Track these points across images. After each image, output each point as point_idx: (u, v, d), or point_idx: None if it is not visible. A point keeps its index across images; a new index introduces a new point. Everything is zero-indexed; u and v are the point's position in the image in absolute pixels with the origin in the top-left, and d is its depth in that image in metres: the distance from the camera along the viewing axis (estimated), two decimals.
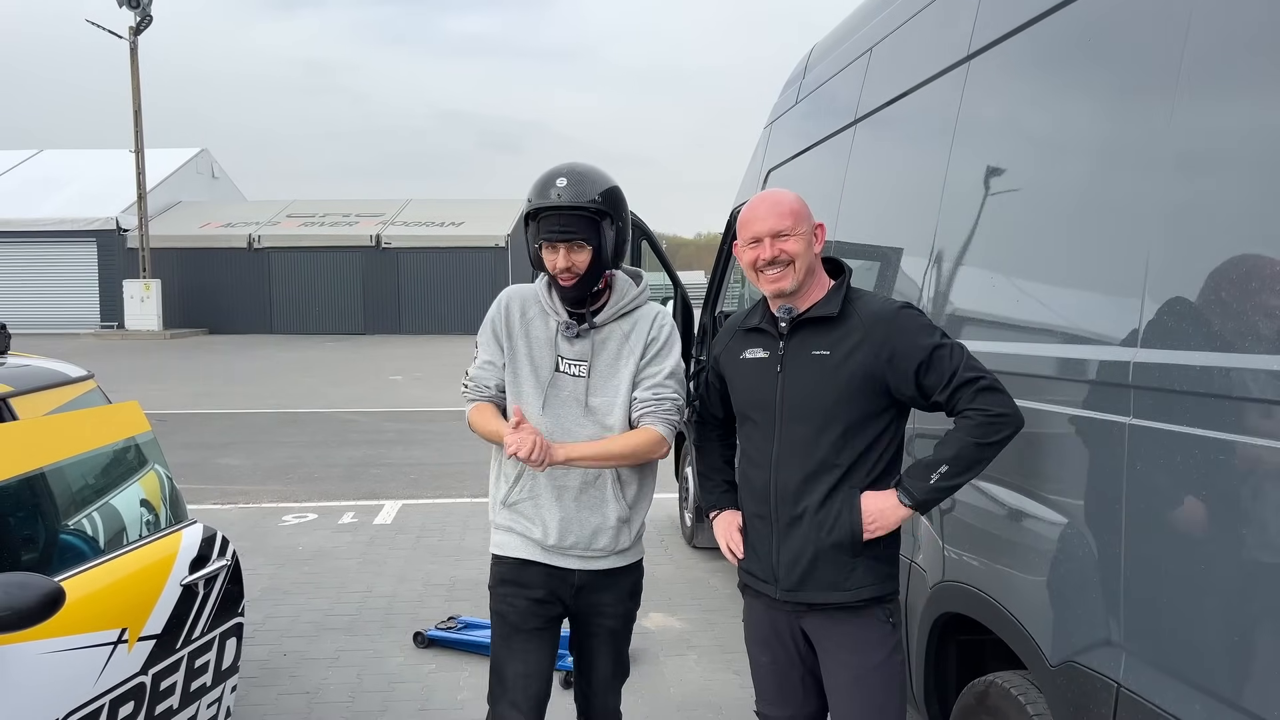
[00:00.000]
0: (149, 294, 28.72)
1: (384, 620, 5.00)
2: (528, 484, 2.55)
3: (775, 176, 4.90)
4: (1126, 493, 1.87)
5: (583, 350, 2.53)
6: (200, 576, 2.89)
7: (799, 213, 2.26)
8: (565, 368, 2.53)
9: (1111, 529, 1.91)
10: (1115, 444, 1.90)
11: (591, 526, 2.53)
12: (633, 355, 2.54)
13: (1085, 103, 2.17)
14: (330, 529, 6.89)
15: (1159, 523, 1.79)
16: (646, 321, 2.57)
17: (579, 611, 2.61)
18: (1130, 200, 1.94)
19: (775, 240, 2.24)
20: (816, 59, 4.60)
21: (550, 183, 2.44)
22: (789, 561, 2.26)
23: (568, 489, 2.52)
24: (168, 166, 34.30)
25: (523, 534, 2.55)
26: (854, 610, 2.23)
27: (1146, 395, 1.82)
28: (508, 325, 2.58)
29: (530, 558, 2.54)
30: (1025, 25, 2.42)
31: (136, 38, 29.03)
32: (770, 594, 2.33)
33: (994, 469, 2.28)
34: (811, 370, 2.22)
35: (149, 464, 3.18)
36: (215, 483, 8.52)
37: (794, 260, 2.23)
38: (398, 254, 30.72)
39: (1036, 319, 2.25)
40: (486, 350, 2.60)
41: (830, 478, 2.21)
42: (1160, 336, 1.81)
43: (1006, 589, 2.27)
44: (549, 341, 2.54)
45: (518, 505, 2.56)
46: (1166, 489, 1.77)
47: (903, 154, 3.22)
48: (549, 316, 2.56)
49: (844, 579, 2.22)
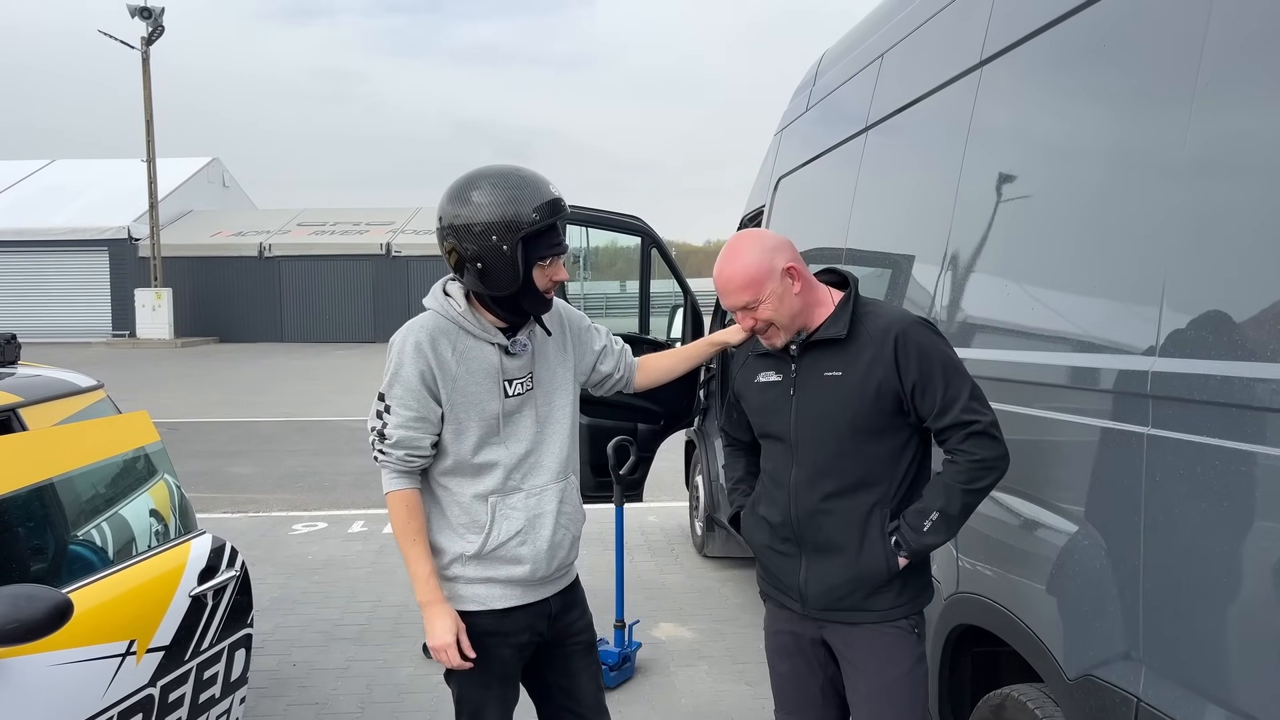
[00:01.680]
0: (160, 303, 28.83)
1: (394, 630, 4.98)
2: (504, 525, 2.33)
3: (785, 183, 4.88)
4: (1145, 503, 1.84)
5: (525, 363, 2.37)
6: (209, 588, 2.88)
7: (755, 279, 2.17)
8: (516, 389, 2.35)
9: (1130, 540, 1.88)
10: (1133, 454, 1.87)
11: (569, 543, 2.45)
12: (567, 349, 2.49)
13: (1102, 108, 2.14)
14: (340, 538, 6.88)
15: (1178, 534, 1.76)
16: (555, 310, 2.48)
17: (551, 640, 2.47)
18: (1148, 207, 1.91)
19: (745, 313, 2.23)
20: (827, 65, 4.58)
21: (547, 190, 2.23)
22: (818, 588, 2.24)
23: (546, 514, 2.37)
24: (179, 175, 34.49)
25: (505, 579, 2.34)
26: (879, 623, 2.21)
27: (1165, 405, 1.80)
28: (442, 370, 2.27)
29: (512, 604, 2.36)
30: (1039, 30, 2.40)
31: (148, 48, 29.19)
32: (796, 610, 2.31)
33: (1010, 479, 2.26)
34: (825, 392, 2.20)
35: (158, 474, 3.17)
36: (225, 491, 8.53)
37: (772, 322, 2.22)
38: (408, 262, 30.77)
39: (1052, 327, 2.23)
40: (412, 405, 2.26)
41: (853, 499, 2.18)
42: (1179, 345, 1.78)
43: (1022, 601, 2.24)
44: (493, 369, 2.31)
45: (499, 551, 2.33)
46: (1186, 500, 1.74)
47: (915, 160, 3.20)
48: (482, 343, 2.31)
49: (876, 600, 2.19)
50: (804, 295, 2.22)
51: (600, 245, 26.71)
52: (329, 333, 30.45)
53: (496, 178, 2.23)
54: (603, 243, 25.59)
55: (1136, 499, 1.86)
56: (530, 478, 2.36)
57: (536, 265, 2.25)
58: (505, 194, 2.19)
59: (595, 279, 30.12)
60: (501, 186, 2.20)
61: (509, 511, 2.33)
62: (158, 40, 29.32)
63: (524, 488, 2.35)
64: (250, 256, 31.30)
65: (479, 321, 2.32)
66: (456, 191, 2.24)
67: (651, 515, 7.48)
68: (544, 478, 2.38)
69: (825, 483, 2.19)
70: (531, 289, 2.27)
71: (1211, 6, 1.79)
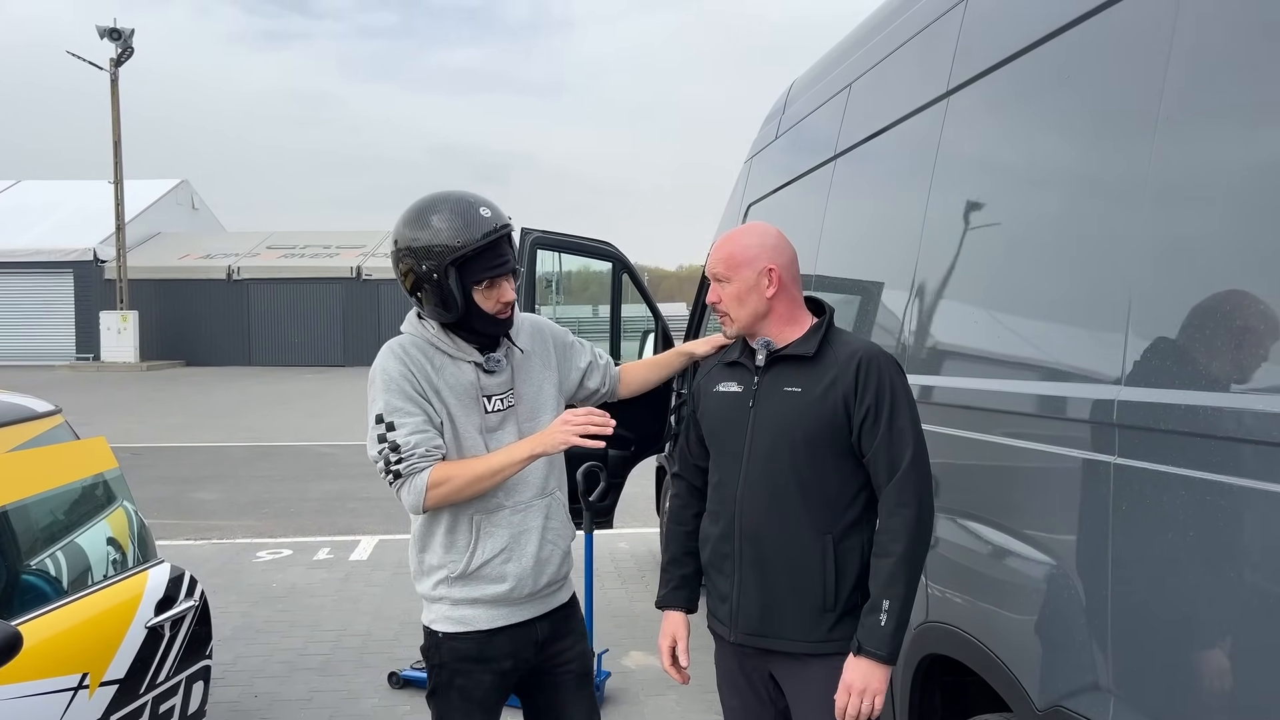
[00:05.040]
0: (126, 325, 28.52)
1: (359, 660, 4.90)
2: (488, 543, 2.31)
3: (755, 211, 4.89)
4: (1112, 533, 1.84)
5: (504, 380, 2.36)
6: (166, 618, 2.81)
7: (734, 259, 2.21)
8: (495, 405, 2.33)
9: (1098, 570, 1.87)
10: (1100, 483, 1.87)
11: (557, 559, 2.43)
12: (550, 365, 2.48)
13: (1066, 137, 2.16)
14: (305, 565, 6.78)
15: (1146, 564, 1.76)
16: (532, 328, 2.48)
17: (539, 668, 2.43)
18: (1113, 234, 1.92)
19: (716, 284, 2.25)
20: (796, 94, 4.62)
21: (474, 212, 2.19)
22: (749, 604, 2.20)
23: (531, 530, 2.36)
24: (147, 198, 34.21)
25: (490, 598, 2.32)
26: (826, 656, 2.17)
27: (1132, 434, 1.80)
28: (426, 379, 2.26)
29: (497, 625, 2.33)
30: (1005, 61, 2.43)
31: (117, 69, 29.00)
32: (727, 636, 2.27)
33: (980, 507, 2.25)
34: (782, 406, 2.18)
35: (116, 501, 3.10)
36: (189, 518, 8.38)
37: (728, 310, 2.23)
38: (378, 285, 30.64)
39: (1019, 355, 2.23)
40: (414, 412, 2.23)
41: (797, 519, 2.15)
42: (1145, 374, 1.78)
43: (992, 631, 2.23)
44: (471, 386, 2.30)
45: (483, 570, 2.31)
46: (1152, 530, 1.74)
47: (882, 189, 3.22)
48: (459, 361, 2.31)
49: (815, 629, 2.14)
50: (774, 303, 2.22)
51: (572, 270, 26.75)
52: (298, 357, 30.20)
53: (428, 203, 2.24)
54: (575, 267, 25.63)
55: (1104, 528, 1.86)
56: (514, 494, 2.34)
57: (475, 289, 2.23)
58: (434, 220, 2.21)
59: (567, 303, 30.12)
60: (430, 212, 2.22)
61: (492, 529, 2.32)
62: (127, 61, 29.17)
63: (508, 504, 2.33)
64: (218, 279, 31.05)
65: (454, 342, 2.31)
66: (403, 216, 2.27)
67: (622, 542, 7.43)
68: (528, 493, 2.36)
69: (772, 497, 2.16)
70: (478, 312, 2.27)
71: (1174, 33, 1.82)
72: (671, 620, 2.39)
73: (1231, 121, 1.68)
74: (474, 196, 2.26)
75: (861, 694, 2.05)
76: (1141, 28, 1.91)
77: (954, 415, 2.43)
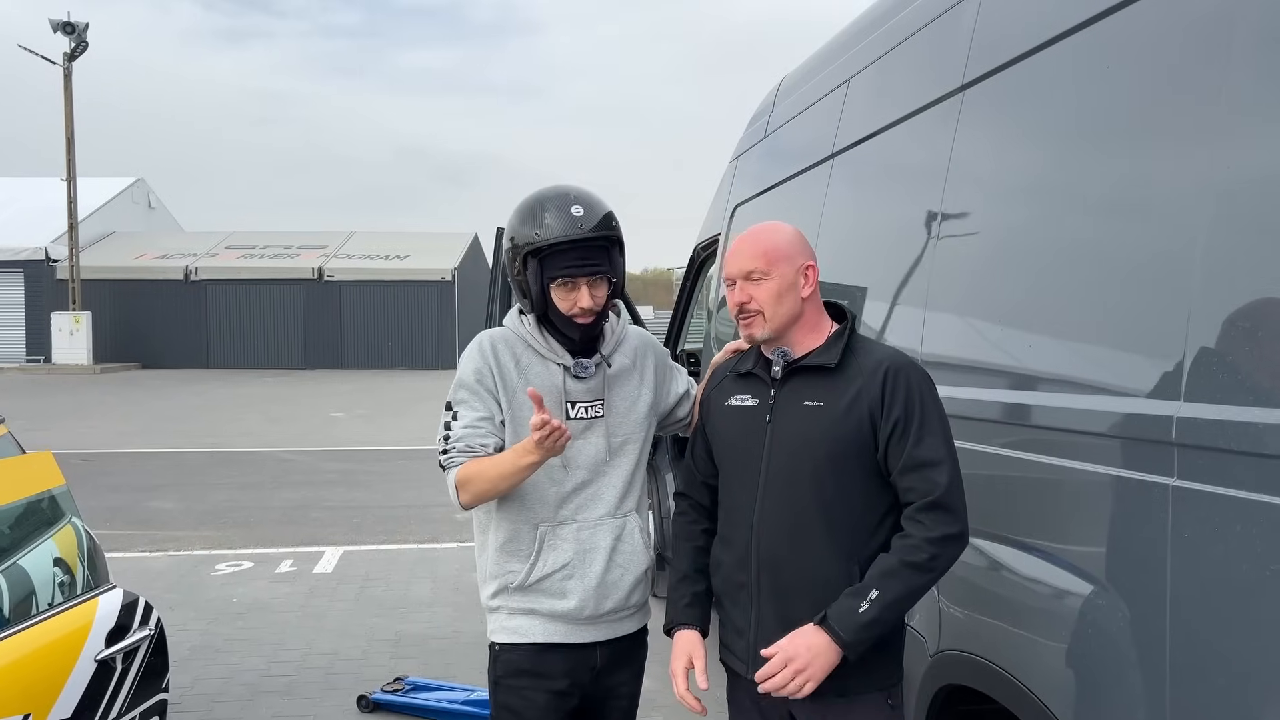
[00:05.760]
0: (79, 327, 27.90)
1: (325, 681, 4.66)
2: (551, 556, 2.22)
3: (742, 212, 4.73)
4: (1171, 563, 1.68)
5: (594, 388, 2.27)
6: (118, 650, 2.58)
7: (775, 252, 2.04)
8: (580, 412, 2.25)
9: (1154, 603, 1.71)
10: (1156, 507, 1.71)
11: (626, 585, 2.28)
12: (646, 383, 2.37)
13: (1104, 133, 2.00)
14: (267, 579, 6.52)
15: (1213, 599, 1.60)
16: (637, 341, 2.40)
17: (590, 696, 2.31)
18: (1169, 234, 1.77)
19: (747, 283, 2.05)
20: (786, 92, 4.46)
21: (565, 209, 2.16)
22: (769, 638, 1.98)
23: (598, 549, 2.25)
24: (102, 196, 33.45)
25: (547, 612, 2.22)
26: (854, 695, 1.99)
27: (1194, 454, 1.64)
28: (502, 376, 2.23)
29: (553, 640, 2.23)
30: (1031, 52, 2.27)
31: (71, 64, 28.33)
32: (744, 674, 2.07)
33: (1013, 530, 2.09)
34: (803, 422, 2.00)
35: (64, 519, 2.87)
36: (144, 528, 8.06)
37: (763, 309, 2.03)
38: (340, 287, 30.23)
39: (1057, 366, 2.07)
40: (476, 406, 2.21)
41: (821, 546, 1.97)
42: (1208, 388, 1.63)
43: (1025, 663, 2.06)
44: (555, 389, 2.24)
45: (543, 583, 2.22)
46: (1224, 561, 1.58)
47: (888, 189, 3.06)
48: (547, 362, 2.26)
49: (839, 670, 1.93)
50: (807, 305, 2.07)
51: None
52: (257, 359, 29.69)
53: (535, 195, 2.23)
54: None
55: (1161, 557, 1.70)
56: (585, 509, 2.25)
57: (552, 285, 2.17)
58: (524, 210, 2.21)
59: None
60: (540, 206, 2.19)
61: (557, 542, 2.22)
62: (81, 56, 28.52)
63: (577, 519, 2.24)
64: (175, 280, 30.47)
65: (546, 341, 2.26)
66: (516, 208, 2.26)
67: None
68: (600, 510, 2.26)
69: (793, 522, 1.98)
70: (555, 310, 2.21)
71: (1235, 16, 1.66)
72: (686, 640, 2.17)
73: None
74: (581, 193, 2.22)
75: (799, 671, 1.87)
76: (1200, 8, 1.76)
77: (983, 431, 2.27)
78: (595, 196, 2.23)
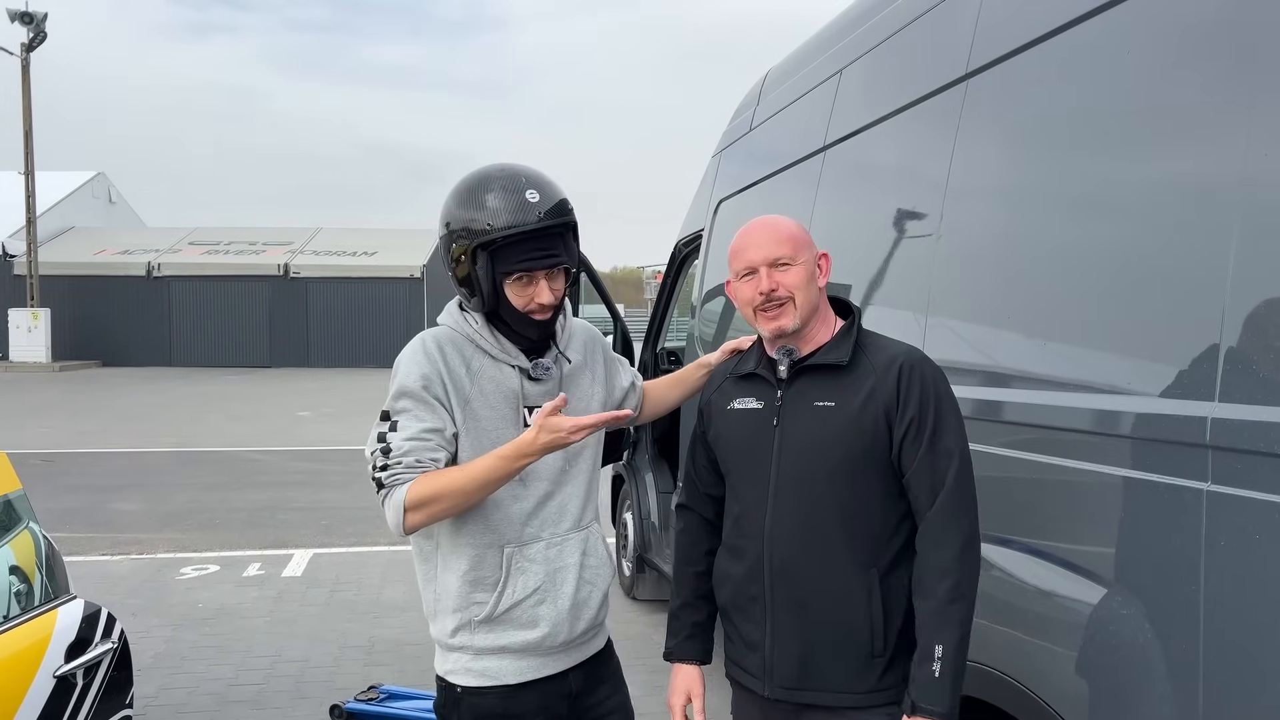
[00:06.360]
0: (37, 324, 27.35)
1: (296, 690, 4.51)
2: (520, 581, 1.99)
3: (726, 207, 4.63)
4: (1206, 572, 1.60)
5: (551, 390, 2.05)
6: (79, 665, 2.43)
7: (799, 239, 1.95)
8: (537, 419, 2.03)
9: (1187, 616, 1.63)
10: (1189, 514, 1.63)
11: (596, 602, 2.10)
12: (598, 380, 2.19)
13: (1139, 122, 1.91)
14: (234, 583, 6.33)
15: (1254, 612, 1.52)
16: (585, 336, 2.20)
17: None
18: (1199, 223, 1.68)
19: (773, 270, 1.92)
20: (772, 84, 4.36)
21: (517, 194, 1.92)
22: (788, 654, 1.90)
23: (568, 567, 2.04)
24: (61, 190, 32.79)
25: (519, 647, 2.00)
26: (876, 709, 1.89)
27: (1231, 457, 1.56)
28: (453, 382, 1.96)
29: (526, 679, 2.02)
30: (1044, 37, 2.18)
31: (29, 54, 27.73)
32: (759, 690, 1.96)
33: (1031, 537, 2.00)
34: (813, 424, 1.89)
35: (20, 525, 2.71)
36: (105, 530, 7.83)
37: (794, 295, 1.91)
38: (307, 284, 29.82)
39: (1078, 365, 1.97)
40: (423, 416, 1.93)
41: (838, 554, 1.86)
42: (1246, 387, 1.55)
43: (1044, 676, 1.98)
44: (511, 395, 2.01)
45: (512, 613, 2.00)
46: (1264, 573, 1.50)
47: (886, 181, 2.97)
48: (500, 364, 2.01)
49: (863, 678, 1.86)
50: (820, 298, 1.98)
51: None
52: (222, 357, 29.23)
53: (482, 177, 1.98)
54: None
55: (1195, 566, 1.61)
56: (551, 525, 2.04)
57: (506, 281, 1.95)
58: (466, 194, 1.95)
59: None
60: (481, 188, 1.95)
61: (526, 564, 2.00)
62: (39, 47, 27.93)
63: (544, 536, 2.02)
64: (137, 276, 29.92)
65: (497, 340, 2.02)
66: (454, 190, 2.01)
67: None
68: (566, 524, 2.06)
69: (807, 530, 1.87)
70: (509, 307, 1.98)
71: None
72: (684, 675, 2.07)
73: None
74: (531, 175, 1.97)
75: None
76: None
77: (1000, 432, 2.18)
78: (546, 177, 2.00)
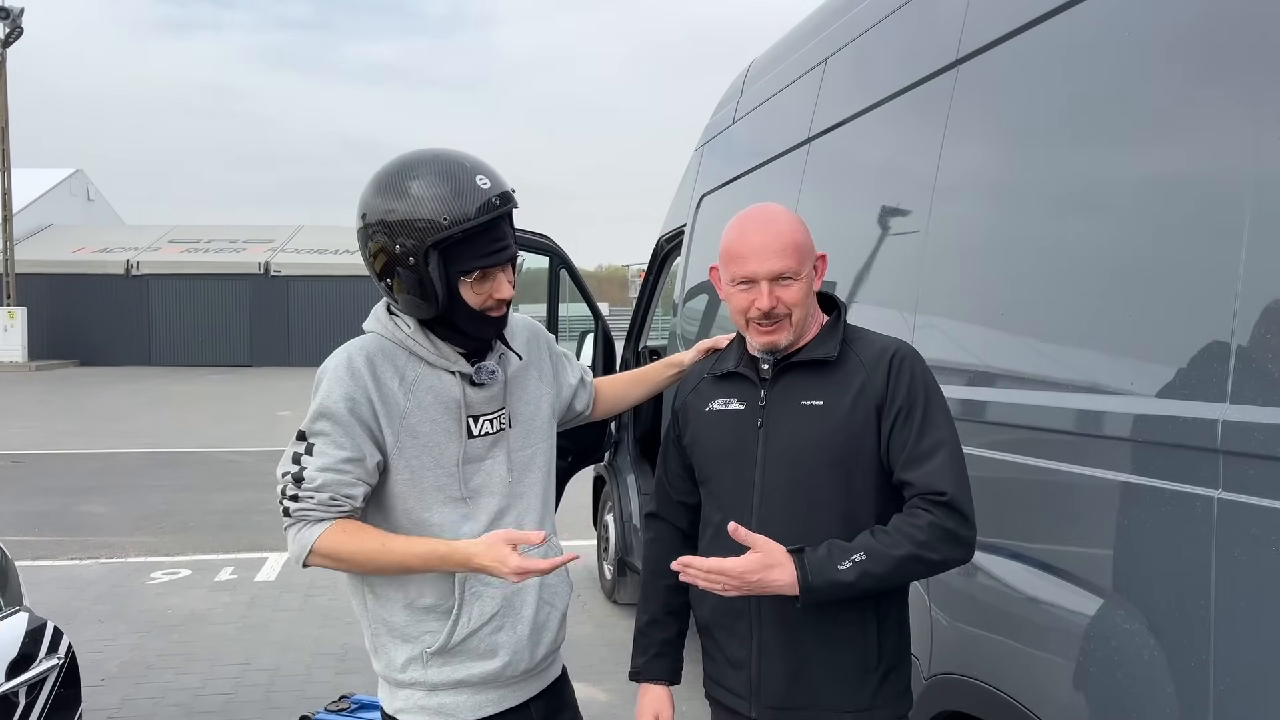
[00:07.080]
0: (13, 323, 27.06)
1: (265, 700, 4.37)
2: (476, 607, 1.83)
3: (709, 201, 4.52)
4: (1216, 584, 1.49)
5: (496, 395, 1.89)
6: (21, 683, 2.29)
7: (803, 246, 1.78)
8: (484, 427, 1.87)
9: (1196, 630, 1.53)
10: (1198, 522, 1.53)
11: (555, 623, 1.96)
12: (545, 380, 2.03)
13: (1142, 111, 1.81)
14: (205, 587, 6.18)
15: (1268, 628, 1.42)
16: (527, 333, 2.04)
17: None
18: (1208, 217, 1.58)
19: (774, 286, 1.75)
20: (756, 75, 4.26)
21: (468, 181, 1.72)
22: (776, 671, 1.78)
23: (526, 589, 1.88)
24: (39, 187, 32.51)
25: (478, 680, 1.85)
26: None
27: (1245, 463, 1.46)
28: (384, 401, 1.78)
29: (484, 714, 1.86)
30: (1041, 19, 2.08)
31: (5, 50, 27.41)
32: (743, 711, 1.84)
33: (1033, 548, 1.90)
34: (801, 425, 1.77)
35: None
36: (75, 534, 7.64)
37: (792, 312, 1.77)
38: (288, 282, 29.59)
39: (1077, 365, 1.87)
40: (343, 443, 1.74)
41: None
42: (1259, 388, 1.44)
43: (1040, 691, 1.87)
44: (453, 404, 1.83)
45: (468, 642, 1.83)
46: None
47: (873, 173, 2.86)
48: (438, 371, 1.84)
49: (858, 694, 1.75)
50: (813, 300, 1.85)
51: None
52: (201, 356, 28.99)
53: (406, 165, 1.77)
54: None
55: (1205, 577, 1.51)
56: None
57: (463, 280, 1.77)
58: (414, 186, 1.73)
59: None
60: (408, 176, 1.75)
61: (481, 589, 1.84)
62: (16, 42, 27.61)
63: None
64: (116, 274, 29.64)
65: (433, 345, 1.84)
66: (373, 181, 1.79)
67: None
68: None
69: (797, 538, 1.71)
70: (463, 308, 1.80)
71: None
72: (652, 696, 1.95)
73: None
74: (468, 158, 1.78)
75: (753, 584, 1.61)
76: None
77: (994, 435, 2.07)
78: (478, 157, 1.81)
